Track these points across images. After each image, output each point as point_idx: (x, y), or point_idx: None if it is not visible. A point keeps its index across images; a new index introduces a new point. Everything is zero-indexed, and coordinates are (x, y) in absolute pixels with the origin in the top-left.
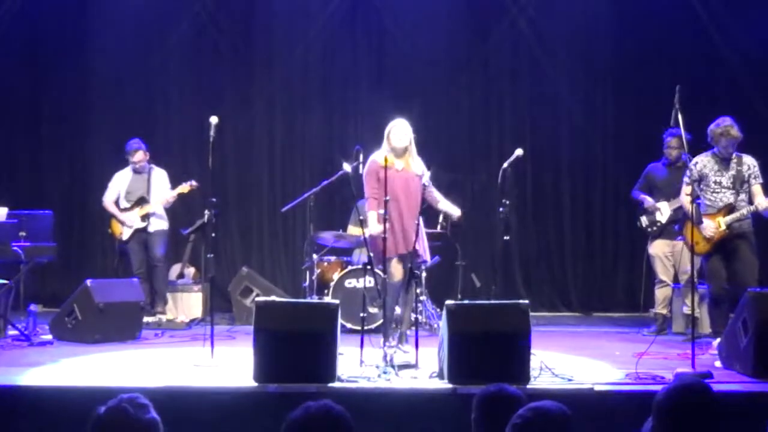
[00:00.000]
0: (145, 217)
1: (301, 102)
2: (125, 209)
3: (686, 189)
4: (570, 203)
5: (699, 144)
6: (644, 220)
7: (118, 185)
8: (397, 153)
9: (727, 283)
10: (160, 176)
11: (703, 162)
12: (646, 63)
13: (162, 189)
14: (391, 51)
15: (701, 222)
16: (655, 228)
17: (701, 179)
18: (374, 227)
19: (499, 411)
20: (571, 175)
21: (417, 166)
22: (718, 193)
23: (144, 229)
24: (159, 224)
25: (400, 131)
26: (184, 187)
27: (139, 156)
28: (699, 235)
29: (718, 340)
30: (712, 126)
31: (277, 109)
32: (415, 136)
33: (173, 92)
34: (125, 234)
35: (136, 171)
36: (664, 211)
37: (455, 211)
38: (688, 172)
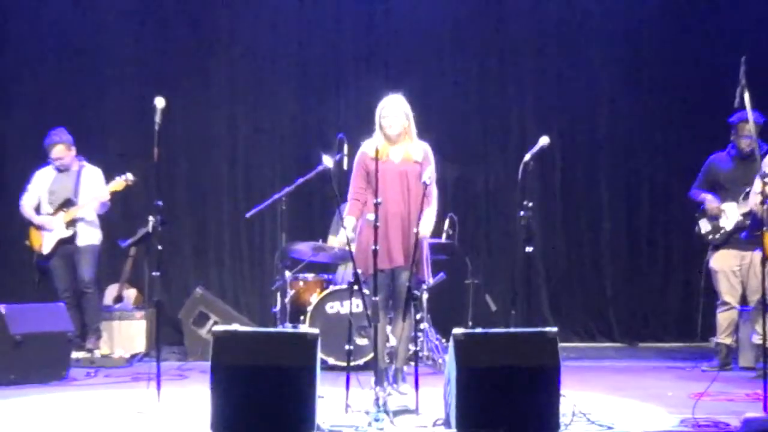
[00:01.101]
0: (71, 224)
1: (271, 81)
2: (47, 215)
3: (757, 186)
4: (609, 205)
5: None
6: (704, 226)
7: (39, 186)
8: (392, 140)
9: None
10: (92, 175)
11: None
12: (702, 29)
13: (94, 189)
14: (381, 17)
15: None
16: (717, 236)
17: None
18: (342, 237)
19: None
20: (610, 170)
21: (418, 154)
22: None
23: (70, 240)
24: (89, 236)
25: (392, 111)
26: (118, 183)
27: (60, 151)
28: None
29: None
30: None
31: (240, 90)
32: (415, 115)
33: (110, 70)
34: (46, 246)
35: (59, 170)
36: (730, 215)
37: (425, 229)
38: (763, 166)
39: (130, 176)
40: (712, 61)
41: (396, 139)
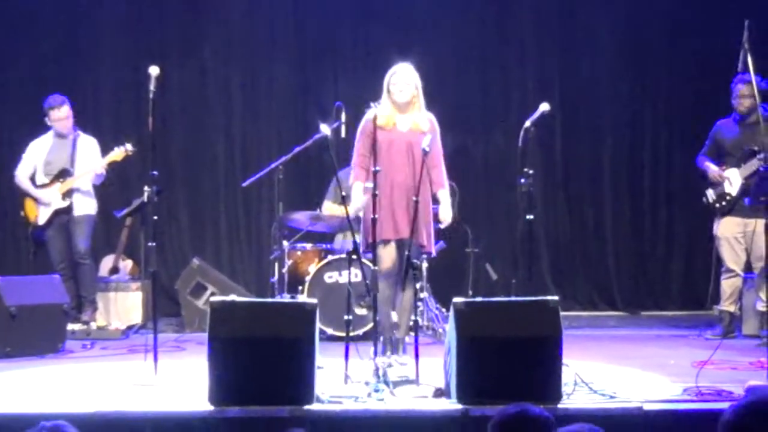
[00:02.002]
0: (68, 195)
1: (266, 46)
2: (43, 185)
3: None
4: (611, 173)
5: None
6: (711, 194)
7: (35, 156)
8: (401, 108)
9: None
10: (88, 145)
11: None
12: None
13: (90, 159)
14: None
15: None
16: (724, 203)
17: None
18: (357, 200)
19: None
20: (613, 136)
21: (425, 124)
22: None
23: (66, 211)
24: (85, 206)
25: (402, 78)
26: (118, 153)
27: (66, 111)
28: None
29: None
30: None
31: (235, 56)
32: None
33: (102, 37)
34: (42, 217)
35: (59, 135)
36: (734, 181)
37: (445, 216)
38: None
39: (129, 146)
40: (718, 26)
41: (404, 108)
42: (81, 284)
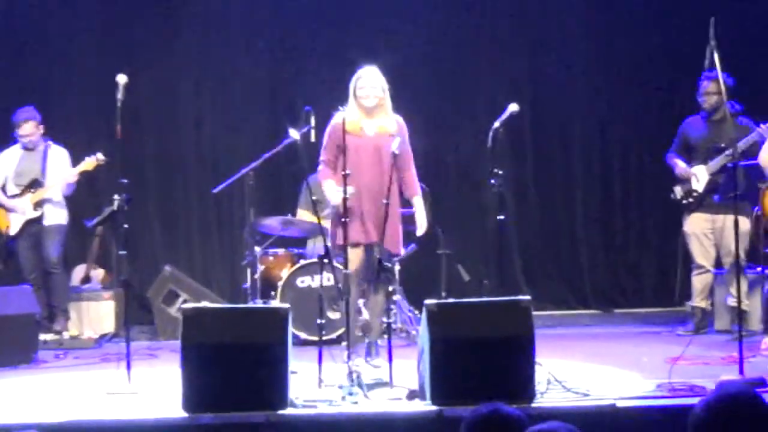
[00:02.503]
0: (39, 205)
1: (237, 52)
2: (14, 196)
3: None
4: (583, 171)
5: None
6: (678, 191)
7: (5, 166)
8: (368, 112)
9: None
10: (58, 155)
11: None
12: None
13: (61, 169)
14: None
15: None
16: (691, 200)
17: None
18: (336, 196)
19: None
20: (583, 135)
21: (393, 127)
22: None
23: (37, 220)
24: (56, 216)
25: (368, 82)
26: (89, 163)
27: (29, 128)
28: None
29: None
30: None
31: (205, 61)
32: (390, 87)
33: (68, 44)
34: (13, 227)
35: (26, 148)
36: (700, 177)
37: (421, 222)
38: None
39: (100, 156)
40: (686, 18)
41: (371, 112)
42: (53, 294)
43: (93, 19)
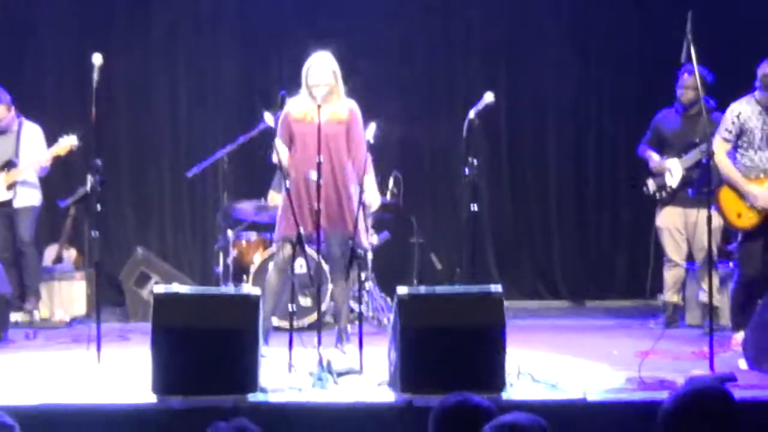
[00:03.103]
0: (11, 186)
1: (211, 35)
2: None
3: (722, 144)
4: (556, 163)
5: (728, 89)
6: (651, 185)
7: None
8: (318, 99)
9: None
10: (32, 133)
11: (746, 112)
12: None
13: (35, 150)
14: None
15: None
16: (664, 193)
17: (741, 133)
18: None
19: (463, 427)
20: (558, 127)
21: (344, 112)
22: (764, 151)
23: (9, 203)
24: (29, 197)
25: (318, 70)
26: (62, 147)
27: (1, 112)
28: (741, 204)
29: (743, 334)
30: (763, 66)
31: (180, 44)
32: (342, 72)
33: (43, 24)
34: None
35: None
36: (674, 172)
37: (372, 199)
38: (725, 124)
39: (74, 139)
40: (662, 14)
41: (323, 99)
42: (24, 273)
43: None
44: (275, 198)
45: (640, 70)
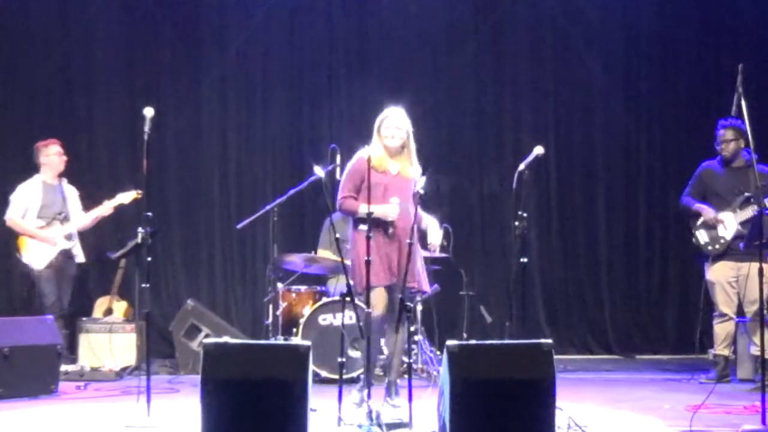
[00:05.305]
0: (69, 237)
1: (262, 89)
2: (41, 228)
3: None
4: (605, 216)
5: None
6: (703, 236)
7: (26, 199)
8: (391, 152)
9: None
10: (72, 193)
11: None
12: (701, 36)
13: (77, 208)
14: (374, 22)
15: None
16: (717, 246)
17: None
18: (374, 208)
19: None
20: (607, 180)
21: (415, 171)
22: None
23: (69, 255)
24: (81, 253)
25: (394, 123)
26: (126, 196)
27: (61, 153)
28: None
29: None
30: None
31: (231, 98)
32: (414, 130)
33: (97, 78)
34: (42, 259)
35: (47, 178)
36: (728, 225)
37: (435, 237)
38: None
39: (133, 193)
40: (711, 62)
41: (395, 153)
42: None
43: (117, 54)
44: (325, 252)
45: (689, 122)
